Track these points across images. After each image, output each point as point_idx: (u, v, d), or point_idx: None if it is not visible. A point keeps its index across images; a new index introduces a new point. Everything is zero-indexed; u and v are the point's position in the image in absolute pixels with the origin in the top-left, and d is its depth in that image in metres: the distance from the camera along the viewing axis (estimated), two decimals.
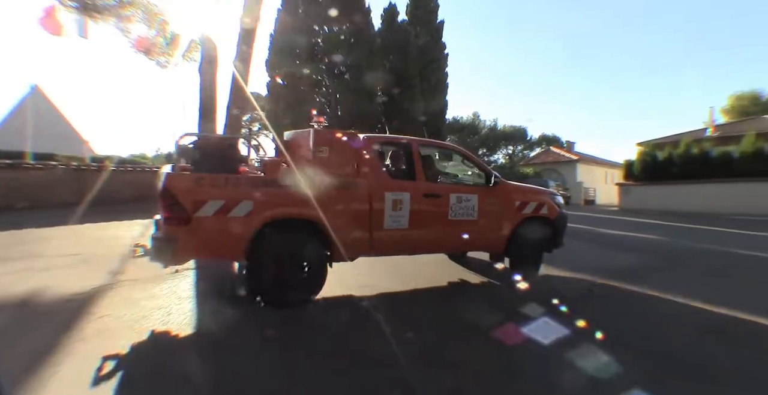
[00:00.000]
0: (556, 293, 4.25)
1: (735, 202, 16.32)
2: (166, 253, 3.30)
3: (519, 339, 3.03)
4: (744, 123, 23.45)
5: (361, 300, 3.95)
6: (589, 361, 2.67)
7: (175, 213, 3.25)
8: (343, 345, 2.92)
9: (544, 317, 3.51)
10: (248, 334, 3.05)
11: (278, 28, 21.70)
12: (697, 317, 3.77)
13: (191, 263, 5.07)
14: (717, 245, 8.09)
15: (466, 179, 5.18)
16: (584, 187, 27.29)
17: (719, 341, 3.20)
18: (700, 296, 4.27)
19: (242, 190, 3.48)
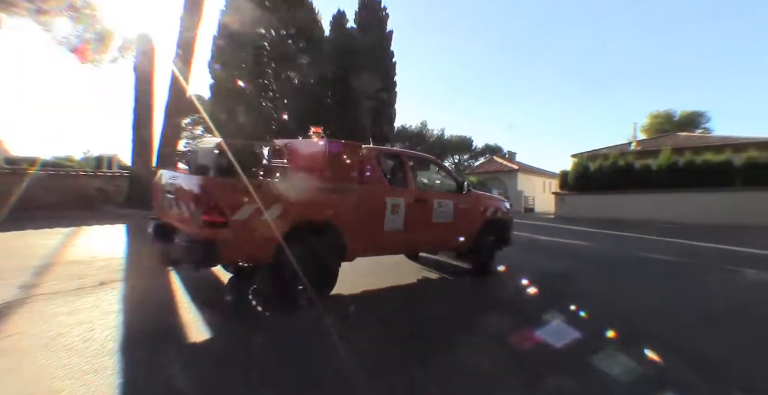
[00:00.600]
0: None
1: (654, 211, 17.95)
2: (203, 256, 3.34)
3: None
4: (662, 139, 25.90)
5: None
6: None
7: (214, 217, 3.31)
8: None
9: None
10: (188, 345, 2.87)
11: (222, 30, 21.05)
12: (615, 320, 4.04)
13: (119, 275, 4.74)
14: (634, 250, 8.92)
15: (442, 187, 5.71)
16: (524, 195, 28.68)
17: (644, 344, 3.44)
18: (618, 298, 4.65)
19: (273, 194, 3.62)
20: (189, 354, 2.77)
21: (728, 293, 5.39)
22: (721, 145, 19.58)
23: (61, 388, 2.22)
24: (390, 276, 5.32)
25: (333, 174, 4.18)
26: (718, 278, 6.23)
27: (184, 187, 3.64)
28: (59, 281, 4.30)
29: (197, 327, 3.23)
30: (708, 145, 20.70)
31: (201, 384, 2.38)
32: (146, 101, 11.31)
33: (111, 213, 10.69)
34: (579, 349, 3.19)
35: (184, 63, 11.08)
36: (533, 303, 4.61)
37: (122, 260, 5.48)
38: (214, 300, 4.09)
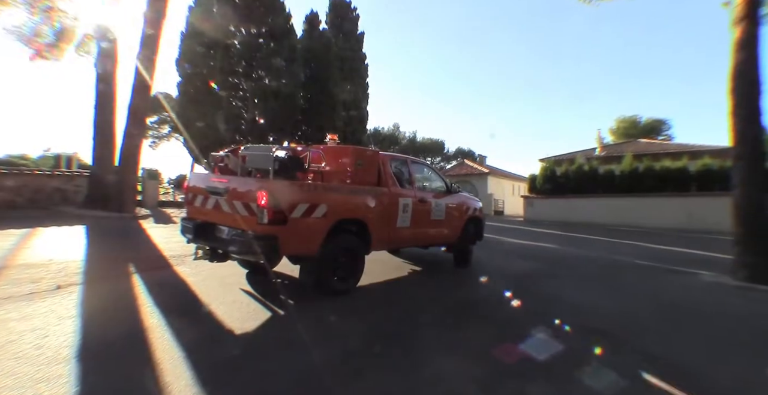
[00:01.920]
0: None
1: (617, 214, 18.68)
2: (267, 250, 3.69)
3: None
4: (625, 145, 26.94)
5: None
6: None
7: (276, 215, 3.68)
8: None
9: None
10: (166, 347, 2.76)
11: (190, 27, 20.46)
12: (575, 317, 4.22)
13: (77, 278, 4.54)
14: (596, 252, 9.32)
15: (435, 188, 6.16)
16: (494, 198, 29.20)
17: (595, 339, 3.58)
18: (578, 297, 4.93)
19: (321, 195, 4.08)
20: (149, 361, 2.67)
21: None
22: (679, 152, 20.53)
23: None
24: (383, 271, 5.88)
25: (359, 177, 4.73)
26: (671, 279, 6.56)
27: (243, 188, 3.97)
28: (11, 286, 4.07)
29: (160, 332, 3.12)
30: (666, 152, 21.66)
31: (164, 389, 2.30)
32: (108, 98, 10.86)
33: (70, 214, 10.18)
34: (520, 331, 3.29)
35: (148, 60, 10.69)
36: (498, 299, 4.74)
37: (81, 263, 5.23)
38: (177, 302, 3.97)
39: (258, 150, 4.32)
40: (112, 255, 6.09)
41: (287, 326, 3.47)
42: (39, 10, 11.89)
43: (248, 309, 3.81)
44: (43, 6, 11.90)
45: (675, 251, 9.83)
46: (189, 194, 4.72)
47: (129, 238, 7.97)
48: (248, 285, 4.64)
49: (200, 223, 4.41)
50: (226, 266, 5.02)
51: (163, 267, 5.31)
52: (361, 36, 26.55)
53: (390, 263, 6.47)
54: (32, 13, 11.91)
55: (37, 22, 12.05)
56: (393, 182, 5.16)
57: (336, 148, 5.26)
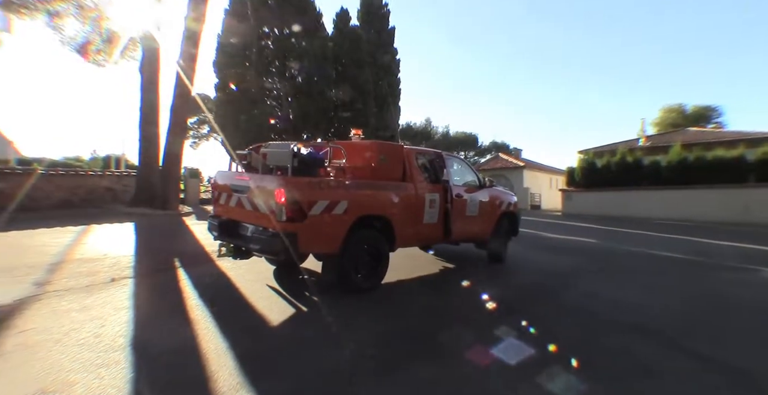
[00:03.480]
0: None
1: (662, 208, 17.77)
2: (286, 247, 3.66)
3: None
4: (671, 134, 25.58)
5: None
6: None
7: (295, 212, 3.68)
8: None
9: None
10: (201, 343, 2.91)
11: (226, 29, 21.07)
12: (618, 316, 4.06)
13: (129, 271, 4.82)
14: (640, 247, 8.89)
15: (464, 183, 6.04)
16: (530, 192, 28.50)
17: (640, 337, 3.45)
18: (622, 295, 4.74)
19: (341, 191, 4.05)
20: (195, 351, 2.81)
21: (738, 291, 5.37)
22: (734, 140, 19.24)
23: (76, 381, 2.27)
24: (413, 267, 5.84)
25: (382, 172, 4.65)
26: (728, 277, 6.20)
27: (263, 186, 3.96)
28: (71, 279, 4.38)
29: (204, 324, 3.28)
30: (720, 140, 20.30)
31: (210, 377, 2.42)
32: (152, 100, 11.40)
33: (119, 212, 10.83)
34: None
35: (188, 63, 11.14)
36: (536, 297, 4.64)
37: (132, 258, 5.56)
38: (219, 296, 4.14)
39: (278, 147, 4.29)
40: (158, 251, 6.42)
41: (317, 322, 3.53)
42: (89, 19, 12.61)
43: (282, 304, 3.92)
44: (93, 16, 12.61)
45: (730, 247, 9.29)
46: (215, 191, 4.81)
47: (173, 234, 8.38)
48: (277, 281, 4.71)
49: (225, 220, 4.49)
50: (264, 261, 5.18)
51: (205, 262, 5.55)
52: (392, 31, 26.45)
53: (421, 260, 6.44)
54: (84, 23, 12.66)
55: (88, 32, 12.81)
56: (419, 177, 5.05)
57: (359, 143, 5.19)
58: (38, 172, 10.74)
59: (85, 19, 12.49)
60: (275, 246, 3.73)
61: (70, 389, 2.19)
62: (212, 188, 4.89)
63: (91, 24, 12.70)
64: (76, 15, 12.25)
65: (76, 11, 12.17)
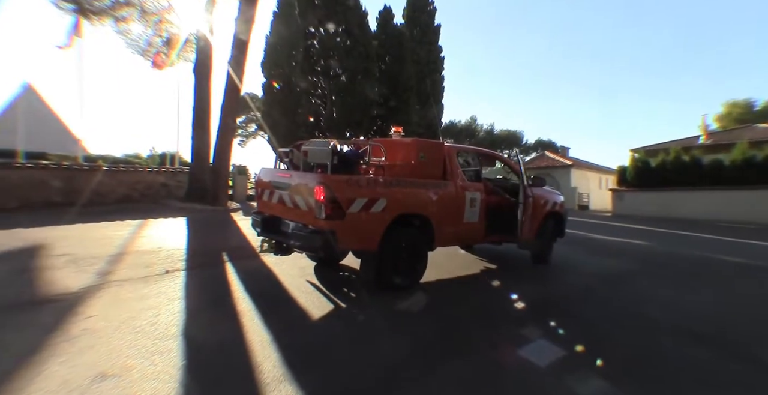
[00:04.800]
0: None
1: (724, 209, 16.53)
2: (325, 244, 3.72)
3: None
4: (737, 131, 23.71)
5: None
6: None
7: (334, 210, 3.70)
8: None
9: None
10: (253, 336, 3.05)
11: (274, 30, 21.70)
12: (675, 322, 3.84)
13: (182, 264, 5.09)
14: (698, 251, 8.36)
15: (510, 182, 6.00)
16: (578, 192, 27.41)
17: (698, 346, 3.24)
18: (675, 301, 4.49)
19: (379, 189, 4.05)
20: (241, 342, 2.93)
21: None
22: None
23: (133, 366, 2.44)
24: (454, 267, 5.77)
25: (422, 170, 4.61)
26: None
27: (302, 183, 4.03)
28: (130, 269, 4.69)
29: (250, 316, 3.42)
30: None
31: (255, 368, 2.52)
32: (204, 101, 11.95)
33: (173, 207, 11.46)
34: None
35: (238, 64, 11.59)
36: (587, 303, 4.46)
37: (184, 251, 5.86)
38: (264, 290, 4.29)
39: (318, 145, 4.32)
40: (208, 245, 6.74)
41: (354, 318, 3.60)
42: (152, 23, 13.41)
43: (321, 300, 3.99)
44: (155, 19, 13.39)
45: None
46: (258, 188, 4.94)
47: (222, 229, 8.76)
48: (317, 277, 4.78)
49: (267, 217, 4.59)
50: (306, 257, 5.31)
51: (252, 257, 5.76)
52: (437, 28, 26.19)
53: (462, 260, 6.37)
54: (146, 27, 13.47)
55: (149, 35, 13.63)
56: (459, 175, 4.99)
57: (399, 141, 5.15)
58: (102, 169, 11.57)
59: (147, 23, 13.30)
60: (314, 243, 3.80)
61: (128, 373, 2.35)
62: (256, 185, 5.05)
63: (152, 28, 13.50)
64: (139, 19, 13.06)
65: (140, 16, 12.98)
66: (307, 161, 4.37)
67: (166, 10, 12.85)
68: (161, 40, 13.46)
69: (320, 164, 4.22)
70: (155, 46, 13.45)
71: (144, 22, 12.92)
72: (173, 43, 13.50)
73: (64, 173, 10.76)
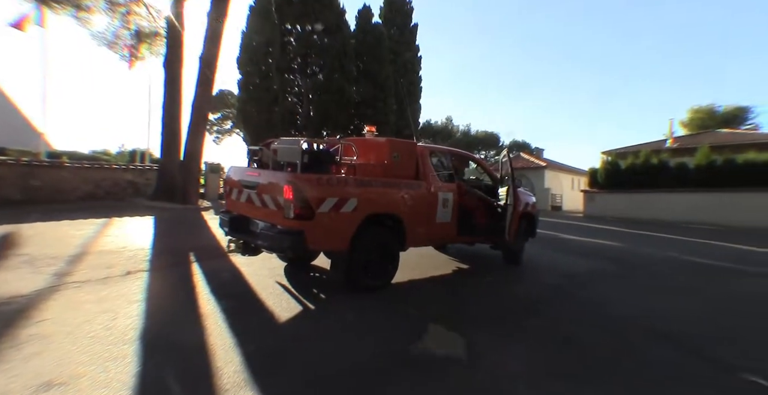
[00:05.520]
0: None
1: (689, 211, 17.16)
2: (293, 245, 3.68)
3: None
4: (701, 136, 24.67)
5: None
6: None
7: (302, 209, 3.65)
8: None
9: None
10: (213, 334, 2.94)
11: (250, 26, 21.33)
12: (640, 322, 3.92)
13: (145, 265, 4.91)
14: (664, 251, 8.64)
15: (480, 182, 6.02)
16: (551, 193, 27.96)
17: (664, 344, 3.31)
18: (644, 301, 4.60)
19: (350, 189, 3.99)
20: (203, 346, 2.82)
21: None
22: (767, 142, 18.45)
23: (83, 373, 2.31)
24: (427, 267, 5.75)
25: (394, 170, 4.58)
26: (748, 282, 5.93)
27: (271, 182, 3.97)
28: (90, 270, 4.49)
29: (213, 319, 3.31)
30: (752, 142, 19.48)
31: (216, 373, 2.43)
32: (174, 96, 11.60)
33: (140, 205, 11.08)
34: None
35: (210, 59, 11.29)
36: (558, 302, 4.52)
37: (149, 251, 5.66)
38: (230, 291, 4.17)
39: (287, 143, 4.22)
40: (175, 244, 6.52)
41: (322, 320, 3.52)
42: (119, 14, 12.92)
43: (290, 301, 3.91)
44: (122, 10, 12.91)
45: (759, 252, 8.90)
46: (227, 187, 4.83)
47: (191, 228, 8.51)
48: (287, 278, 4.69)
49: (236, 216, 4.49)
50: (277, 258, 5.20)
51: (220, 257, 5.62)
52: (414, 28, 26.27)
53: (435, 260, 6.37)
54: (113, 18, 12.97)
55: (116, 27, 13.13)
56: (432, 175, 4.97)
57: (371, 140, 5.11)
58: (65, 164, 11.08)
59: (113, 14, 12.80)
60: (282, 243, 3.74)
61: (76, 381, 2.23)
62: (224, 184, 4.92)
63: (119, 19, 13.01)
64: (105, 10, 12.56)
65: (106, 6, 12.48)
66: (277, 160, 4.27)
67: (135, 2, 12.39)
68: (129, 33, 12.97)
69: (290, 163, 4.13)
70: (123, 38, 12.97)
71: (111, 14, 12.44)
72: (142, 36, 13.04)
73: (23, 170, 10.23)
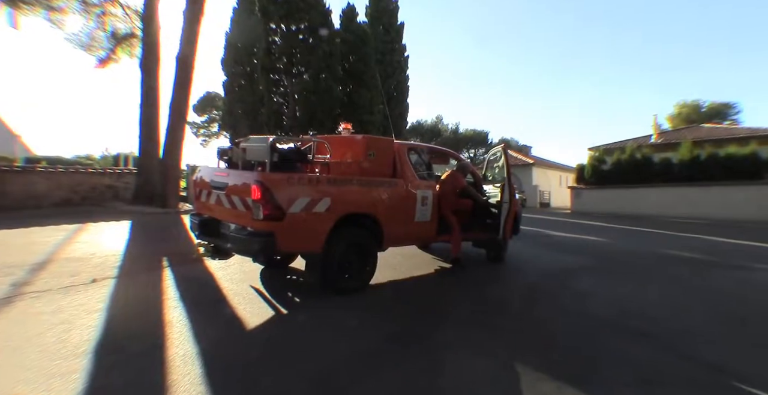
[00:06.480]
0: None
1: (674, 205, 17.32)
2: (263, 247, 3.53)
3: None
4: (685, 131, 24.94)
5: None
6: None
7: (272, 210, 3.47)
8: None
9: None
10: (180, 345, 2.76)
11: (234, 27, 21.04)
12: (621, 319, 3.84)
13: (113, 272, 4.70)
14: (649, 246, 8.59)
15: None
16: (539, 190, 28.13)
17: (643, 343, 3.22)
18: (626, 297, 4.55)
19: (323, 188, 3.83)
20: (161, 357, 2.65)
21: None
22: (747, 137, 18.68)
23: (21, 393, 2.13)
24: (409, 267, 5.63)
25: (371, 168, 4.44)
26: (739, 277, 5.89)
27: (239, 183, 3.79)
28: (51, 279, 4.27)
29: (178, 327, 3.13)
30: (733, 137, 19.76)
31: (170, 386, 2.26)
32: (152, 97, 11.34)
33: (118, 210, 10.80)
34: None
35: (187, 58, 11.02)
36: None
37: (120, 257, 5.45)
38: (201, 297, 4.00)
39: (256, 141, 4.05)
40: (149, 250, 6.31)
41: (295, 326, 3.36)
42: (93, 15, 12.58)
43: (263, 307, 3.74)
44: (96, 11, 12.58)
45: (742, 245, 8.92)
46: (196, 188, 4.61)
47: (168, 232, 8.28)
48: (262, 282, 4.53)
49: (205, 219, 4.30)
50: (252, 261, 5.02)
51: (195, 261, 5.42)
52: (400, 27, 26.12)
53: (418, 259, 6.23)
54: (87, 19, 12.63)
55: (92, 28, 12.79)
56: (411, 173, 4.82)
57: (346, 138, 4.98)
58: (37, 169, 10.74)
59: (88, 15, 12.47)
60: (252, 246, 3.59)
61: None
62: (194, 185, 4.71)
63: (94, 21, 12.68)
64: (79, 11, 12.23)
65: (80, 7, 12.15)
66: (247, 159, 4.09)
67: (110, 3, 12.06)
68: (105, 35, 12.63)
69: (261, 162, 3.97)
70: (98, 40, 12.62)
71: (85, 15, 12.09)
72: (118, 37, 12.70)
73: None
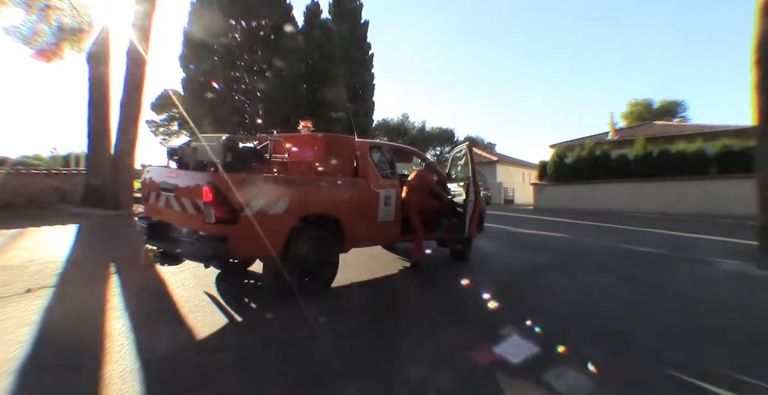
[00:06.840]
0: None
1: (631, 200, 18.03)
2: (215, 252, 3.31)
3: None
4: (638, 128, 26.05)
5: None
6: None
7: (225, 213, 3.29)
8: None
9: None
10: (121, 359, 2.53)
11: (192, 22, 20.29)
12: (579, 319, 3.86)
13: (51, 280, 4.35)
14: (609, 241, 8.86)
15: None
16: (504, 187, 28.66)
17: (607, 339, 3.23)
18: (589, 295, 4.58)
19: (279, 189, 3.67)
20: (96, 374, 2.42)
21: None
22: (693, 134, 19.70)
23: None
24: (372, 268, 5.48)
25: (332, 167, 4.36)
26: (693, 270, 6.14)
27: (190, 184, 3.58)
28: None
29: (120, 340, 2.89)
30: (681, 134, 20.76)
31: None
32: (101, 94, 10.71)
33: (65, 213, 10.11)
34: None
35: (138, 52, 10.48)
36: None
37: (61, 264, 5.06)
38: (150, 306, 3.75)
39: (208, 140, 3.86)
40: (96, 255, 5.93)
41: (249, 335, 3.18)
42: (36, 8, 11.73)
43: (217, 315, 3.53)
44: (40, 5, 11.73)
45: (694, 238, 9.35)
46: (145, 190, 4.31)
47: (118, 237, 7.83)
48: (217, 288, 4.32)
49: (155, 222, 4.06)
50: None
51: (146, 267, 5.10)
52: (365, 25, 25.94)
53: (381, 259, 6.11)
54: (30, 12, 11.76)
55: (35, 21, 11.91)
56: (373, 172, 4.69)
57: (306, 136, 4.81)
58: None
59: (30, 8, 11.61)
60: (204, 251, 3.37)
61: None
62: (142, 187, 4.40)
63: (37, 13, 11.82)
64: (20, 3, 11.36)
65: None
66: (199, 159, 3.88)
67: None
68: (49, 28, 11.79)
69: (213, 163, 3.74)
70: (42, 34, 11.77)
71: (27, 7, 11.23)
72: (64, 31, 11.88)
73: None
